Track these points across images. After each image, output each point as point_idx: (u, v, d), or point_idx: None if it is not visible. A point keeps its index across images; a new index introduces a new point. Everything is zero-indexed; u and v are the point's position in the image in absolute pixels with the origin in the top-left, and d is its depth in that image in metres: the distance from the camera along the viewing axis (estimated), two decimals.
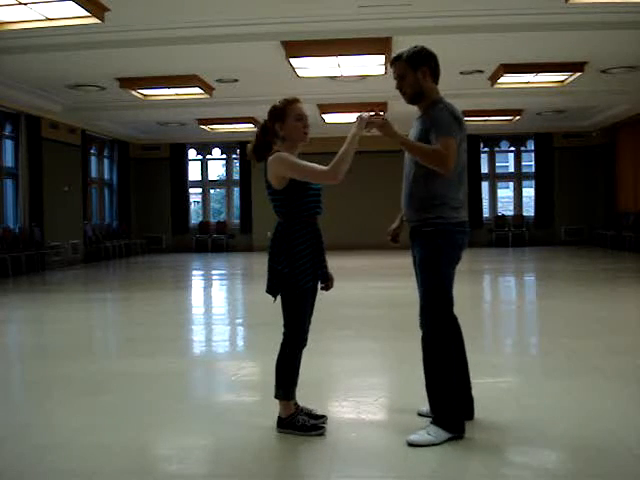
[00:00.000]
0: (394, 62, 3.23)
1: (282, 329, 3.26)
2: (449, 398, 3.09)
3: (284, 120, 3.18)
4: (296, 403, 3.31)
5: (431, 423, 3.10)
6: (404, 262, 3.23)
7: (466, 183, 3.23)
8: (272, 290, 3.21)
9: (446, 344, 3.10)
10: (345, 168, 3.02)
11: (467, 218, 3.22)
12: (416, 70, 3.15)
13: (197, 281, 12.45)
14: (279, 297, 3.21)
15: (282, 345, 3.24)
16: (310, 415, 3.31)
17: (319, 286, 3.31)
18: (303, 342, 3.23)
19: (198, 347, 5.93)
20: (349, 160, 3.02)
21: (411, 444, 3.00)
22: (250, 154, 3.29)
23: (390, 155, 12.47)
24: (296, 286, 3.14)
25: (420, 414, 3.37)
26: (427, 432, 3.05)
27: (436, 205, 3.08)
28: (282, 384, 3.21)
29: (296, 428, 3.19)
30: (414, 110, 3.30)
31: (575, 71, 10.69)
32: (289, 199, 3.16)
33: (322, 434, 3.18)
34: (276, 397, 3.23)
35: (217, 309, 8.67)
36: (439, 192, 3.08)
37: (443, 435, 3.03)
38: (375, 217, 16.90)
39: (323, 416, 3.35)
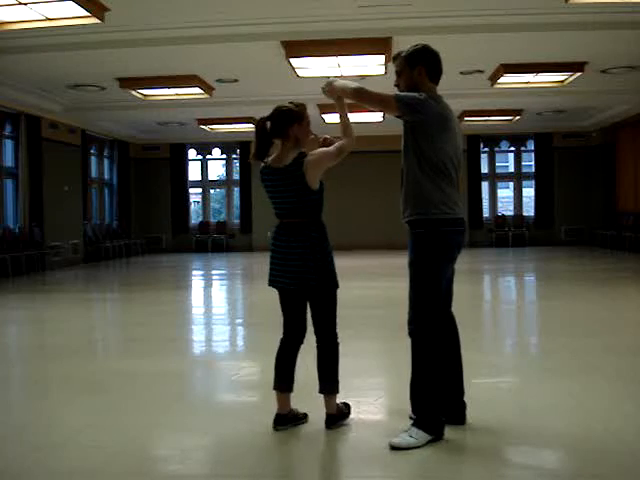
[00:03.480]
0: (394, 59, 3.33)
1: (283, 329, 3.31)
2: (432, 400, 3.07)
3: (301, 123, 3.28)
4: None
5: (412, 425, 3.08)
6: (404, 262, 3.23)
7: (458, 181, 3.21)
8: (327, 286, 3.24)
9: (433, 346, 3.08)
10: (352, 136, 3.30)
11: (462, 215, 3.21)
12: (413, 68, 3.20)
13: (197, 281, 12.46)
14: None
15: (328, 347, 3.28)
16: (297, 417, 3.35)
17: None
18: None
19: (198, 347, 5.93)
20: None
21: (394, 447, 2.98)
22: (253, 158, 3.34)
23: (390, 155, 12.49)
24: (336, 283, 3.27)
25: (412, 418, 3.34)
26: (409, 434, 3.03)
27: (427, 204, 3.08)
28: (336, 378, 3.29)
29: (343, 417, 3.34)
30: None
31: (575, 71, 10.69)
32: (322, 199, 3.28)
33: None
34: (334, 392, 3.28)
35: (217, 309, 8.67)
36: (429, 191, 3.07)
37: (425, 437, 3.01)
38: (375, 217, 16.93)
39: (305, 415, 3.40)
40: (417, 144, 3.09)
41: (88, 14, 7.30)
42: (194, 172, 19.28)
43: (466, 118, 14.70)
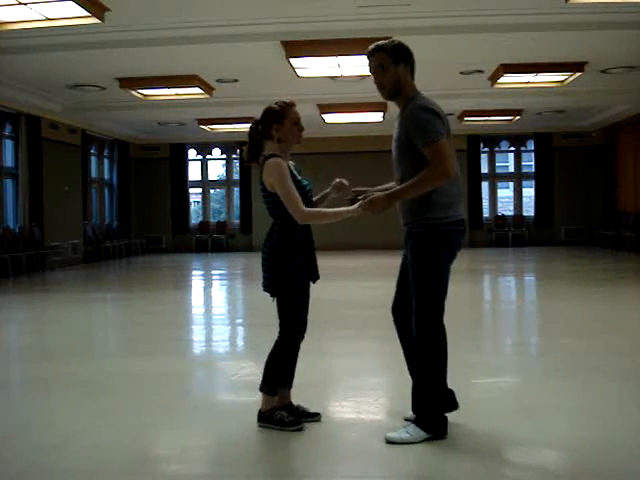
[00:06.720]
0: (374, 52, 3.13)
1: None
2: (434, 400, 3.08)
3: (282, 122, 3.22)
4: (291, 403, 3.37)
5: (412, 422, 3.10)
6: None
7: (459, 176, 3.15)
8: (271, 289, 3.25)
9: (440, 347, 3.08)
10: (319, 223, 3.24)
11: (463, 215, 3.18)
12: (397, 64, 3.09)
13: (197, 281, 12.46)
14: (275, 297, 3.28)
15: (276, 343, 3.29)
16: (305, 413, 3.36)
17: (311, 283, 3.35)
18: (297, 342, 3.29)
19: (198, 347, 5.93)
20: (327, 221, 3.28)
21: (389, 441, 3.01)
22: (246, 156, 3.35)
23: (390, 155, 12.45)
24: (292, 285, 3.19)
25: (407, 419, 3.31)
26: (406, 431, 3.05)
27: (427, 207, 3.05)
28: (269, 380, 3.28)
29: (273, 422, 3.25)
30: None
31: (575, 71, 10.69)
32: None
33: (300, 429, 3.23)
34: (260, 390, 3.30)
35: (217, 309, 8.67)
36: (437, 193, 3.04)
37: (421, 435, 3.02)
38: (375, 217, 16.88)
39: (317, 413, 3.40)
40: None
41: (88, 14, 7.31)
42: (194, 172, 19.29)
43: (466, 118, 14.69)
